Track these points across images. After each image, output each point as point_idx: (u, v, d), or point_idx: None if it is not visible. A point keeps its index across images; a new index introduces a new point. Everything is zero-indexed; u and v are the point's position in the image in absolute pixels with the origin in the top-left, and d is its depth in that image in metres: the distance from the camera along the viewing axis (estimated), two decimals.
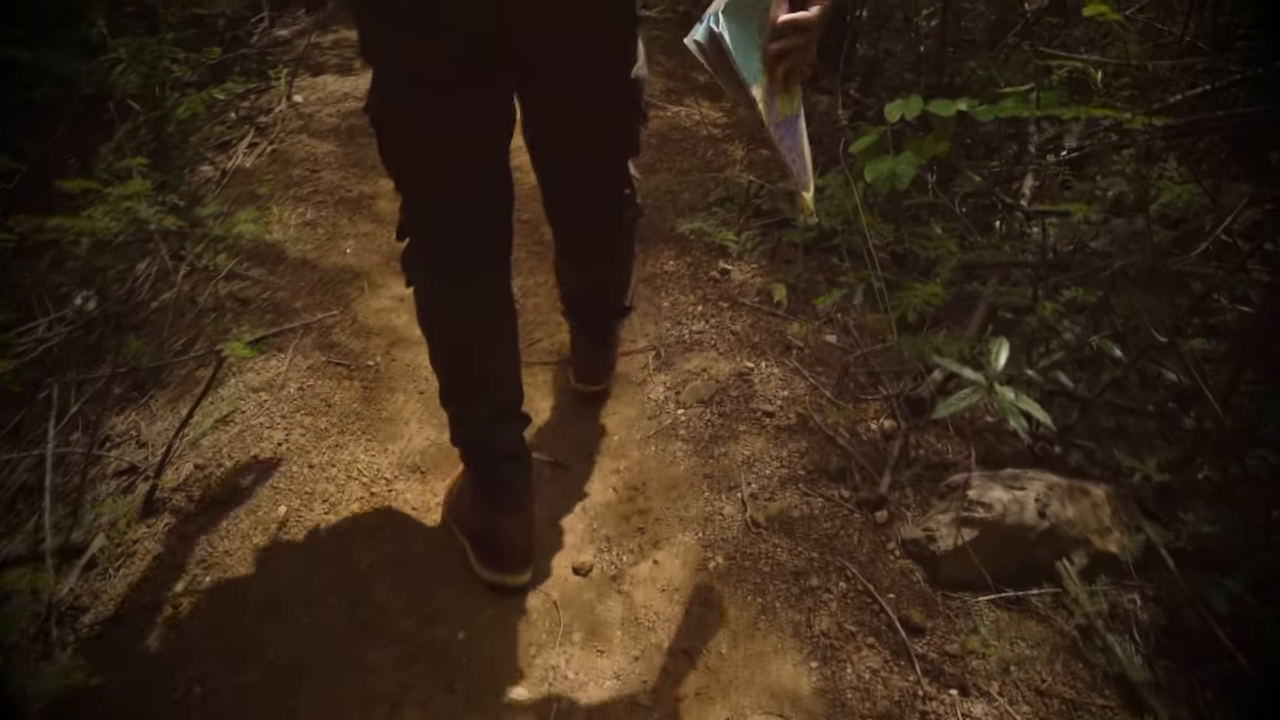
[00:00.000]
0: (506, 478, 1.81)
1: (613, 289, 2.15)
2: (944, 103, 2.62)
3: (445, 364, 1.81)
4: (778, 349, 2.39)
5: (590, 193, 1.84)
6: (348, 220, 2.91)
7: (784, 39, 1.33)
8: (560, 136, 1.73)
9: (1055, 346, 2.04)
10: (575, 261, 2.09)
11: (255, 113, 3.56)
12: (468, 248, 1.71)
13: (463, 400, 1.82)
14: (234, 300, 2.54)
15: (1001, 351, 1.59)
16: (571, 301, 2.21)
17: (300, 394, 2.24)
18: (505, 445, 1.82)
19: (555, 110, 1.68)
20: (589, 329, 2.23)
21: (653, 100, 3.55)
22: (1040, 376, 1.86)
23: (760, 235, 2.79)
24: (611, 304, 2.18)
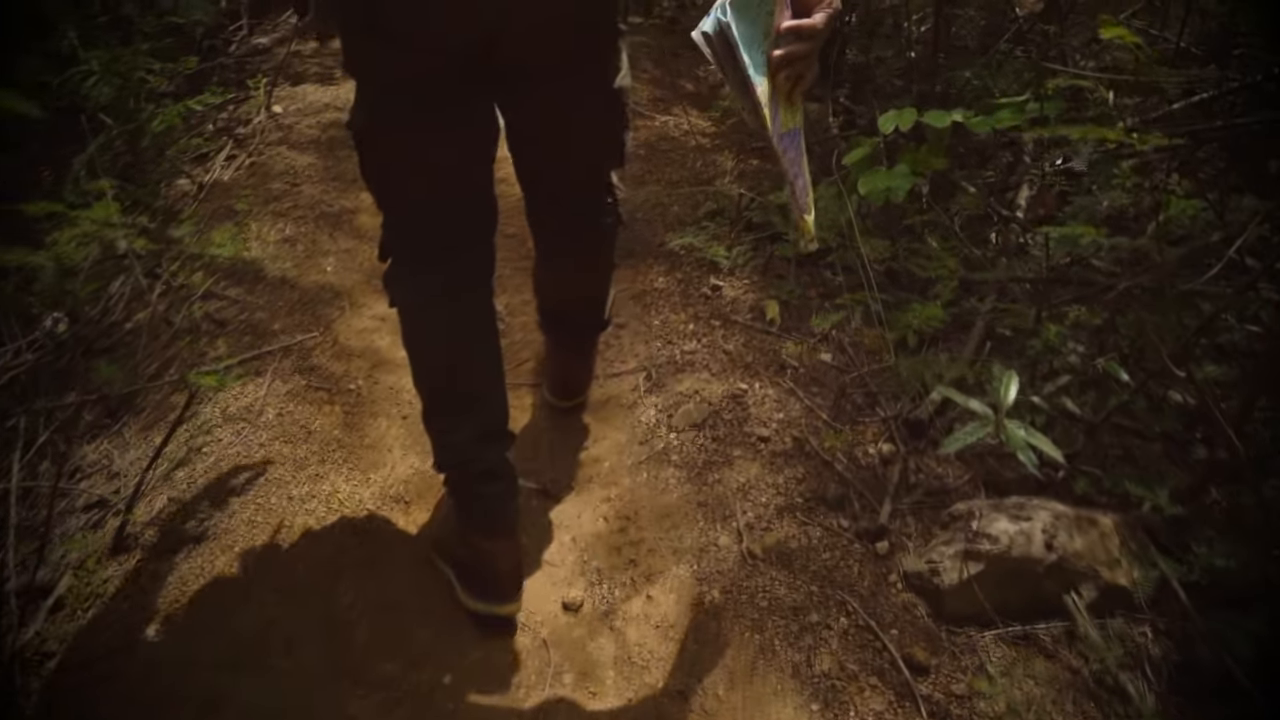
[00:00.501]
0: (492, 501, 1.75)
1: (593, 301, 2.11)
2: (938, 114, 2.56)
3: (429, 383, 1.77)
4: (772, 369, 2.32)
5: (574, 202, 1.83)
6: (328, 236, 2.82)
7: (788, 45, 1.31)
8: (544, 147, 1.72)
9: (1059, 367, 1.97)
10: (556, 271, 2.05)
11: (233, 124, 3.46)
12: (451, 265, 1.70)
13: (447, 420, 1.77)
14: (210, 321, 2.46)
15: (1010, 385, 1.52)
16: (550, 314, 2.17)
17: (279, 421, 2.15)
18: (490, 466, 1.75)
19: (539, 122, 1.67)
20: (567, 342, 2.19)
21: (640, 109, 3.47)
22: (1045, 403, 1.79)
23: (752, 250, 2.72)
24: (591, 317, 2.14)
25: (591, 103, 1.65)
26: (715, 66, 1.32)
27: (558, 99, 1.61)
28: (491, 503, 1.75)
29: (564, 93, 1.60)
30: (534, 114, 1.65)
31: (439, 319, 1.72)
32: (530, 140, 1.72)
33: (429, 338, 1.74)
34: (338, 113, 3.49)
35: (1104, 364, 1.85)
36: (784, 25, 1.32)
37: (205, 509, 1.92)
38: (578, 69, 1.59)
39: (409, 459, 2.10)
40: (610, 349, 2.43)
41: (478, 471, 1.75)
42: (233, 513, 1.92)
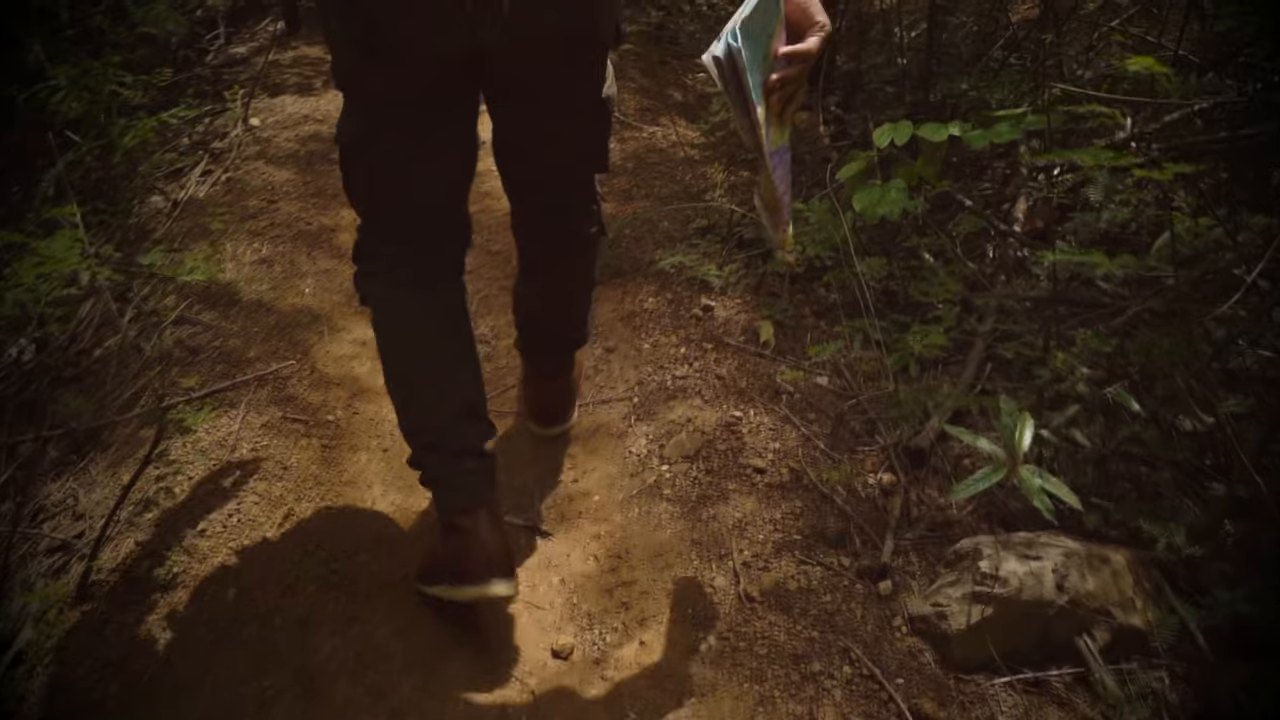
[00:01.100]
0: (470, 477, 1.71)
1: (572, 313, 2.05)
2: (934, 127, 2.48)
3: (403, 373, 1.78)
4: (766, 394, 2.23)
5: (560, 207, 1.85)
6: (306, 256, 2.72)
7: (783, 70, 1.39)
8: (533, 155, 1.74)
9: (1065, 393, 1.89)
10: (538, 281, 2.00)
11: (209, 137, 3.35)
12: (425, 260, 1.74)
13: (422, 405, 1.76)
14: (183, 349, 2.35)
15: (1025, 429, 1.43)
16: (530, 330, 2.10)
17: (253, 456, 2.05)
18: (468, 443, 1.73)
19: (529, 131, 1.69)
20: (548, 361, 2.13)
21: (627, 120, 3.38)
22: (1054, 436, 1.71)
23: (744, 268, 2.63)
24: (573, 331, 2.08)
25: (581, 112, 1.68)
26: (721, 88, 1.36)
27: (548, 109, 1.63)
28: (469, 478, 1.71)
29: (554, 103, 1.63)
30: (524, 123, 1.68)
31: (412, 308, 1.74)
32: (518, 148, 1.75)
33: (401, 327, 1.76)
34: (317, 125, 3.39)
35: (1114, 393, 1.76)
36: (781, 50, 1.39)
37: (174, 554, 1.82)
38: (569, 80, 1.62)
39: (390, 496, 2.00)
40: (599, 374, 2.34)
41: (455, 449, 1.72)
42: (203, 557, 1.82)
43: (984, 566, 1.67)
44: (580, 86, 1.64)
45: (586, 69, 1.63)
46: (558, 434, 2.19)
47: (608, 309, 2.52)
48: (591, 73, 1.64)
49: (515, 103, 1.64)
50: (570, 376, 2.19)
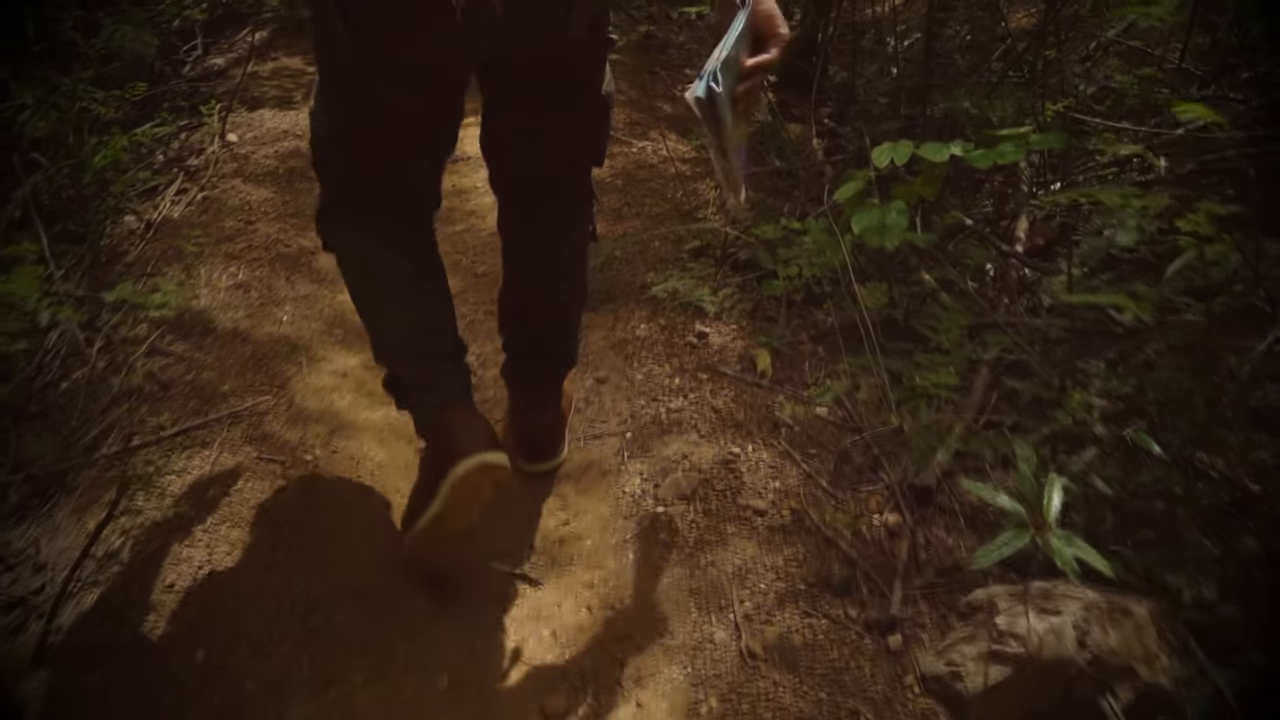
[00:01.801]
0: (447, 377, 1.75)
1: (561, 317, 1.97)
2: (935, 146, 2.38)
3: (373, 303, 1.79)
4: (765, 428, 2.12)
5: (553, 201, 1.83)
6: (285, 280, 2.59)
7: (748, 81, 1.46)
8: (528, 149, 1.74)
9: (1076, 429, 1.78)
10: (525, 289, 1.95)
11: (185, 154, 3.22)
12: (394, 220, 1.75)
13: (393, 327, 1.78)
14: (154, 383, 2.22)
15: (1055, 491, 1.33)
16: (515, 343, 2.01)
17: (226, 501, 1.93)
18: (443, 351, 1.78)
19: (524, 127, 1.69)
20: (533, 389, 2.03)
21: (616, 134, 3.26)
22: (1073, 484, 1.60)
23: (739, 291, 2.51)
24: (559, 341, 1.98)
25: (580, 110, 1.69)
26: (703, 124, 1.43)
27: (549, 107, 1.64)
28: (446, 379, 1.74)
29: (556, 101, 1.64)
30: (519, 120, 1.69)
31: (377, 244, 1.74)
32: (513, 143, 1.74)
33: (366, 260, 1.76)
34: (297, 140, 3.26)
35: (1133, 434, 1.66)
36: (749, 64, 1.46)
37: (140, 611, 1.70)
38: (566, 79, 1.62)
39: (372, 542, 1.88)
40: (590, 406, 2.22)
41: (430, 356, 1.75)
42: (170, 615, 1.69)
43: (1001, 623, 1.56)
44: (579, 85, 1.65)
45: (583, 68, 1.64)
46: (547, 470, 2.08)
47: (598, 336, 2.41)
48: (589, 72, 1.65)
49: (514, 101, 1.65)
50: (559, 408, 2.08)
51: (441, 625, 1.76)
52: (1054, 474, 1.35)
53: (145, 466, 1.97)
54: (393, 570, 1.82)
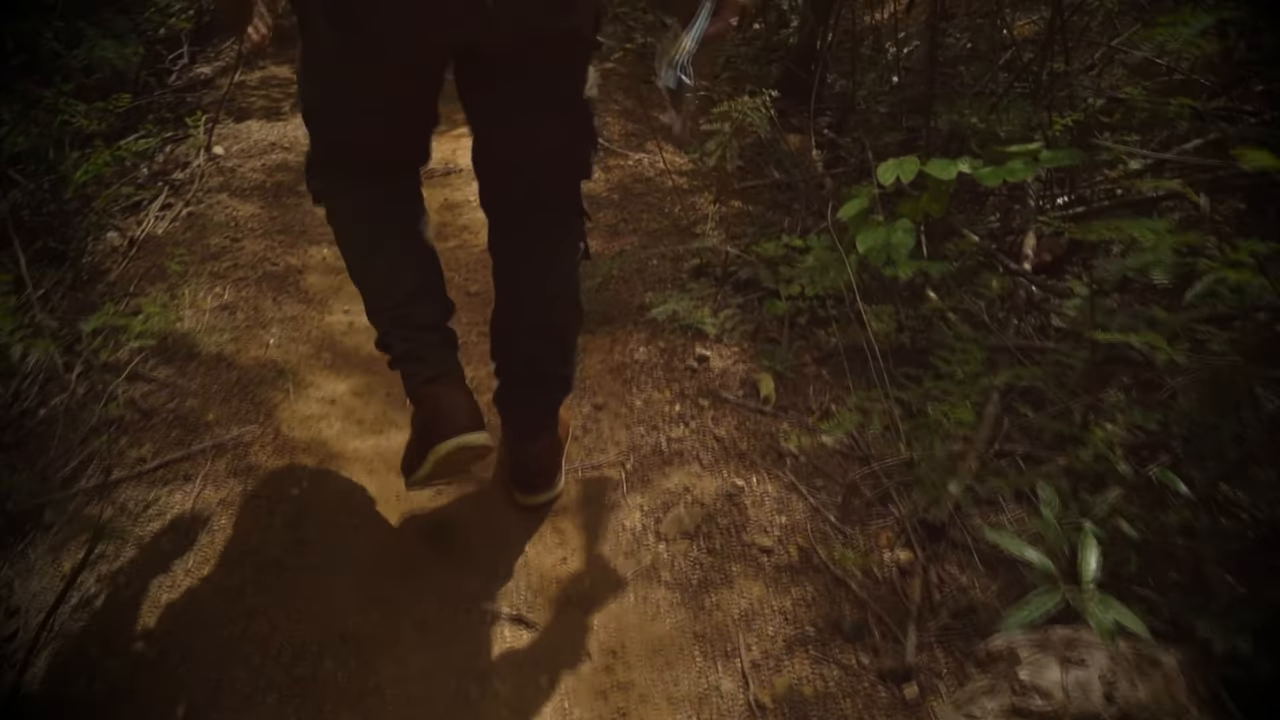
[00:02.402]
0: (435, 349, 1.81)
1: (554, 349, 1.88)
2: (943, 163, 2.29)
3: (361, 263, 1.82)
4: (769, 458, 2.03)
5: (541, 212, 1.78)
6: (271, 301, 2.50)
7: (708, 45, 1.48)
8: (512, 153, 1.71)
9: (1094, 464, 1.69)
10: (515, 310, 1.86)
11: (170, 167, 3.12)
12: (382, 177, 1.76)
13: (383, 289, 1.82)
14: (135, 411, 2.13)
15: (1091, 552, 1.24)
16: (508, 368, 1.91)
17: (209, 540, 1.83)
18: (430, 319, 1.82)
19: (507, 127, 1.66)
20: (528, 417, 1.92)
21: (612, 146, 3.18)
22: (1097, 527, 1.51)
23: (740, 312, 2.43)
24: (553, 365, 1.89)
25: (562, 108, 1.65)
26: (669, 105, 1.48)
27: (528, 102, 1.61)
28: (434, 351, 1.80)
29: (535, 96, 1.61)
30: (503, 118, 1.65)
31: (364, 204, 1.77)
32: (498, 147, 1.72)
33: (355, 221, 1.79)
34: (285, 153, 3.17)
35: (1158, 473, 1.57)
36: (709, 32, 1.47)
37: (118, 662, 1.60)
38: (550, 74, 1.60)
39: (364, 586, 1.79)
40: (588, 434, 2.13)
41: (417, 324, 1.80)
42: (150, 666, 1.60)
43: (1024, 676, 1.47)
44: (562, 82, 1.63)
45: (568, 64, 1.62)
46: (543, 503, 1.99)
47: (596, 360, 2.32)
48: (573, 69, 1.62)
49: (495, 96, 1.63)
50: (555, 437, 1.98)
51: (435, 671, 1.67)
52: (1088, 528, 1.27)
53: (124, 504, 1.88)
54: (382, 615, 1.72)
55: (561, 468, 2.02)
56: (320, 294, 2.54)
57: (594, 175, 2.74)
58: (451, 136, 3.24)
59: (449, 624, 1.73)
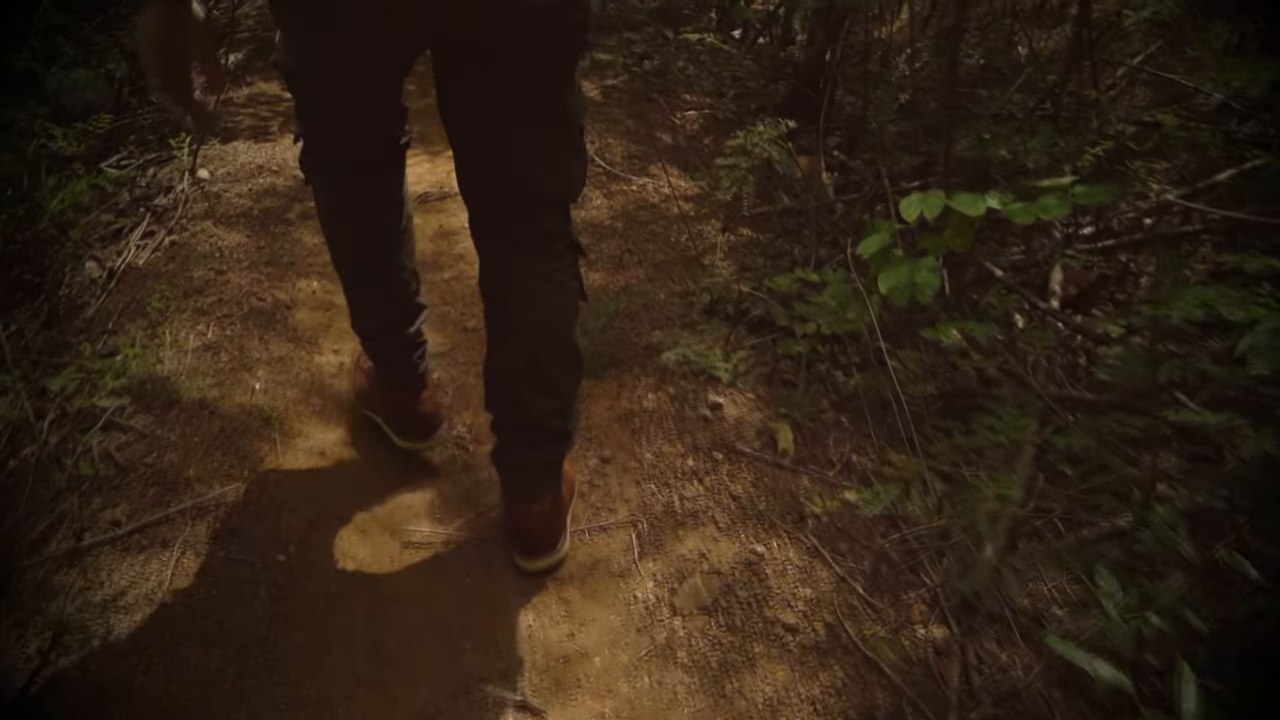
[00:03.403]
0: (408, 360, 1.95)
1: (551, 400, 1.74)
2: (969, 198, 2.15)
3: (344, 259, 1.85)
4: (790, 519, 1.88)
5: (535, 256, 1.67)
6: (258, 340, 2.34)
7: None
8: (491, 166, 1.62)
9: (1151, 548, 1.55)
10: (507, 357, 1.74)
11: (152, 192, 2.96)
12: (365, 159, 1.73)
13: (362, 291, 1.88)
14: (111, 465, 1.97)
15: (1189, 686, 1.09)
16: (503, 427, 1.77)
17: (187, 613, 1.68)
18: (405, 336, 1.92)
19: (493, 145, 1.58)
20: (528, 476, 1.78)
21: (614, 170, 3.02)
22: (1162, 620, 1.37)
23: (754, 354, 2.28)
24: (551, 418, 1.75)
25: (540, 113, 1.54)
26: None
27: (510, 111, 1.51)
28: (406, 361, 1.95)
29: (517, 102, 1.51)
30: (484, 129, 1.56)
31: (349, 198, 1.76)
32: (477, 165, 1.64)
33: (340, 216, 1.79)
34: (273, 177, 3.01)
35: (1224, 555, 1.43)
36: None
37: None
38: (535, 78, 1.50)
39: (355, 667, 1.63)
40: (594, 490, 1.98)
41: (393, 338, 1.92)
42: None
43: None
44: (548, 85, 1.51)
45: (554, 63, 1.50)
46: (545, 568, 1.84)
47: (602, 407, 2.17)
48: (560, 69, 1.52)
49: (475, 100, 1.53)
50: (558, 495, 1.83)
51: None
52: (1188, 676, 1.12)
53: (96, 573, 1.72)
54: (374, 701, 1.57)
55: (565, 528, 1.88)
56: (309, 331, 2.38)
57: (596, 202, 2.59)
58: (446, 158, 3.09)
59: (449, 711, 1.58)
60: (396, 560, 1.84)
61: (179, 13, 1.31)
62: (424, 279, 2.67)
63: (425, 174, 3.15)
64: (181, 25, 1.31)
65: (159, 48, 1.31)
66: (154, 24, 1.30)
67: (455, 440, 2.13)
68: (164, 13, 1.29)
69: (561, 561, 1.84)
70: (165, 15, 1.30)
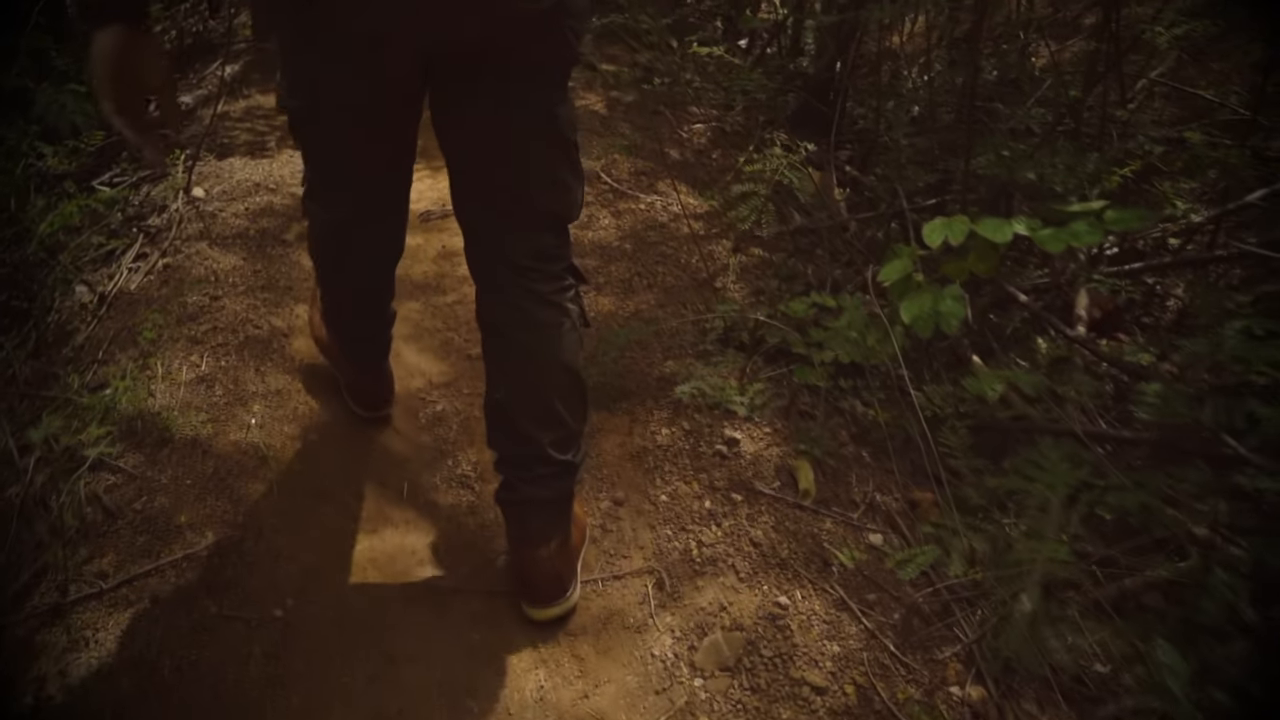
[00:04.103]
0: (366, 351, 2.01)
1: (553, 432, 1.64)
2: (995, 223, 2.05)
3: (329, 283, 1.88)
4: (814, 567, 1.77)
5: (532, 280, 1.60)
6: (254, 371, 2.22)
7: None
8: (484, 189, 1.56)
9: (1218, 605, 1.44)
10: (506, 387, 1.66)
11: (146, 211, 2.84)
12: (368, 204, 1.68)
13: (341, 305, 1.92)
14: (98, 509, 1.85)
15: None
16: (506, 464, 1.69)
17: (177, 676, 1.56)
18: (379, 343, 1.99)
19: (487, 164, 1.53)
20: (529, 511, 1.67)
21: (621, 187, 2.91)
22: (1229, 698, 1.25)
23: (771, 385, 2.16)
24: (553, 448, 1.65)
25: (532, 130, 1.49)
26: None
27: (503, 129, 1.48)
28: (371, 351, 2.02)
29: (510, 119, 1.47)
30: (477, 147, 1.52)
31: (344, 239, 1.74)
32: (471, 185, 1.58)
33: (331, 251, 1.80)
34: (270, 195, 2.89)
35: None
36: None
37: None
38: (528, 93, 1.46)
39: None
40: (607, 535, 1.87)
41: (365, 340, 1.98)
42: None
43: None
44: (540, 100, 1.47)
45: (547, 79, 1.47)
46: (554, 616, 1.72)
47: (613, 443, 2.05)
48: (553, 84, 1.49)
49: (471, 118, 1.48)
50: (567, 538, 1.72)
51: None
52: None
53: (81, 632, 1.61)
54: None
55: (576, 574, 1.76)
56: (308, 361, 2.27)
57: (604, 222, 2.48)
58: None
59: None
60: (400, 613, 1.73)
61: (134, 38, 1.26)
62: (425, 302, 2.59)
63: (427, 190, 3.03)
64: (136, 51, 1.27)
65: (112, 73, 1.26)
66: (108, 48, 1.25)
67: (460, 479, 2.01)
68: (119, 37, 1.25)
69: (572, 610, 1.73)
70: (120, 40, 1.25)
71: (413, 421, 2.17)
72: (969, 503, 1.87)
